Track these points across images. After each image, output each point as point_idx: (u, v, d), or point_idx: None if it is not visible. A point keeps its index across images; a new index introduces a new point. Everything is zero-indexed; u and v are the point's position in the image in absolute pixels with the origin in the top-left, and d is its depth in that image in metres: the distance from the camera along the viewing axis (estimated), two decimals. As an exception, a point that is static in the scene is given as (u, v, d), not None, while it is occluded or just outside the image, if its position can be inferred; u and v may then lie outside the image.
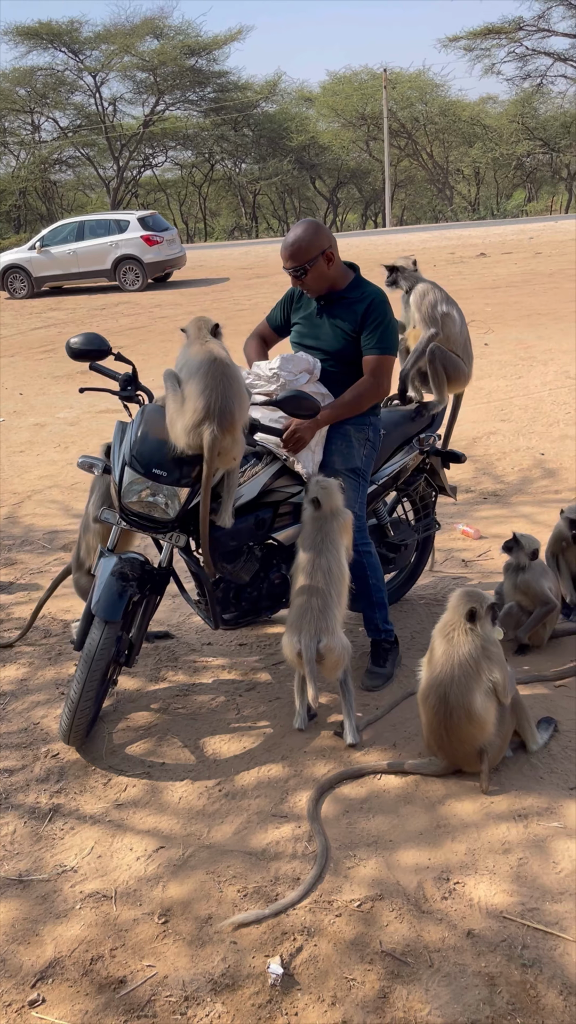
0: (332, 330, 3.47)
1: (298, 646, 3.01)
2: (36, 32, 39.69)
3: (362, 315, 3.40)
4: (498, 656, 2.79)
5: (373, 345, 3.41)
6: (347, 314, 3.44)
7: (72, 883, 2.56)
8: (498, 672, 2.76)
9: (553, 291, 13.72)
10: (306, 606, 3.06)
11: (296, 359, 3.42)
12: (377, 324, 3.39)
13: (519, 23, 38.06)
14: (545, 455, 6.18)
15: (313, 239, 3.35)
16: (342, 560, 3.16)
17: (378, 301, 3.42)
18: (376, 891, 2.43)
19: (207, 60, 42.26)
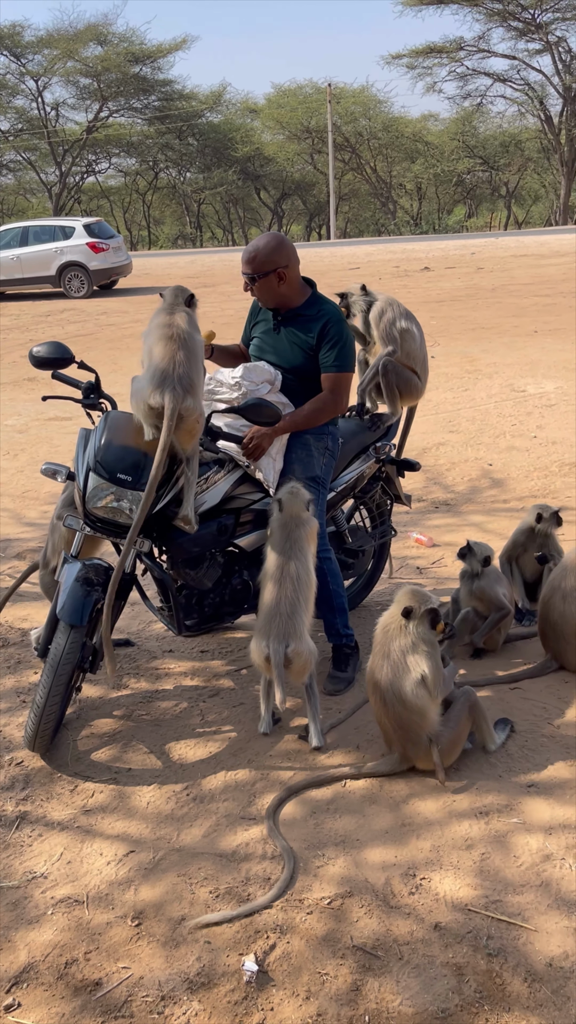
0: (290, 346, 3.55)
1: (266, 650, 3.07)
2: (-23, 35, 39.21)
3: (319, 333, 3.49)
4: (430, 654, 2.88)
5: (331, 363, 3.49)
6: (304, 331, 3.52)
7: (43, 889, 2.57)
8: (426, 666, 2.86)
9: (496, 306, 14.07)
10: (274, 611, 3.12)
11: (258, 369, 3.49)
12: (334, 343, 3.48)
13: (460, 43, 39.02)
14: (493, 466, 6.36)
15: (271, 254, 3.43)
16: (310, 567, 3.24)
17: (334, 319, 3.50)
18: (345, 888, 2.50)
19: (152, 68, 42.31)
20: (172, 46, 41.44)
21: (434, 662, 2.88)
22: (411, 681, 2.86)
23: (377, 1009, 2.14)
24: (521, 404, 7.96)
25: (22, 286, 19.53)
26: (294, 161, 45.04)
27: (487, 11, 37.36)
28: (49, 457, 7.16)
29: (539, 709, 3.33)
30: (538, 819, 2.73)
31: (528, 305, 13.89)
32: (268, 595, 3.18)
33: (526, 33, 37.90)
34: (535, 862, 2.56)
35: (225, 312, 14.78)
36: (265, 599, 3.19)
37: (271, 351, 3.60)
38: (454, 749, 2.95)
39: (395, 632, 2.93)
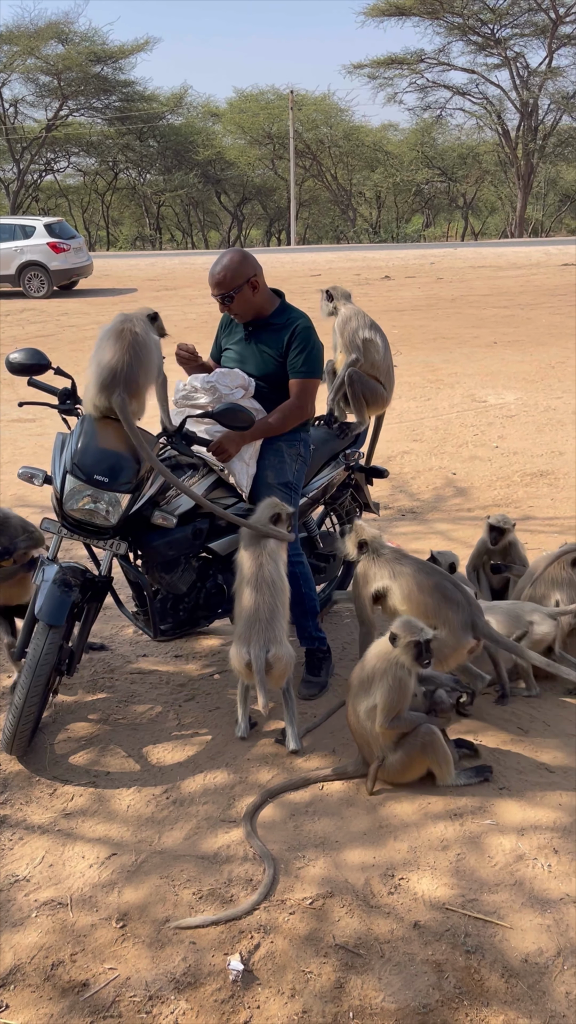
0: (260, 355, 3.62)
1: (247, 656, 3.11)
2: None
3: (287, 341, 3.57)
4: (392, 688, 2.86)
5: (298, 369, 3.57)
6: (273, 340, 3.59)
7: (25, 892, 2.58)
8: (381, 698, 2.86)
9: (456, 316, 14.30)
10: (253, 618, 3.17)
11: (232, 374, 3.56)
12: (301, 349, 3.56)
13: (420, 55, 39.48)
14: (457, 474, 6.49)
15: (239, 268, 3.51)
16: (283, 573, 3.29)
17: (302, 327, 3.59)
18: (326, 889, 2.56)
19: (113, 68, 41.98)
20: (134, 47, 41.24)
21: (394, 696, 2.85)
22: (366, 705, 2.93)
23: (360, 1006, 2.20)
24: (482, 414, 8.12)
25: (-20, 284, 19.28)
26: (255, 166, 45.14)
27: (448, 24, 37.89)
28: (14, 459, 7.10)
29: (508, 713, 3.43)
30: (510, 820, 2.82)
31: (487, 316, 14.14)
32: (246, 601, 3.22)
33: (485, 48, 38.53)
34: (509, 862, 2.65)
35: (187, 316, 14.78)
36: (243, 605, 3.24)
37: (244, 360, 3.67)
38: (403, 774, 2.96)
39: (379, 652, 2.96)
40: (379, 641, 3.02)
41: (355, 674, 3.02)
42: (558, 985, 2.24)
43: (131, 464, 3.12)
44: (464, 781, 3.00)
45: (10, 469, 6.74)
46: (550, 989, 2.23)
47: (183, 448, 3.35)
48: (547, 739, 3.25)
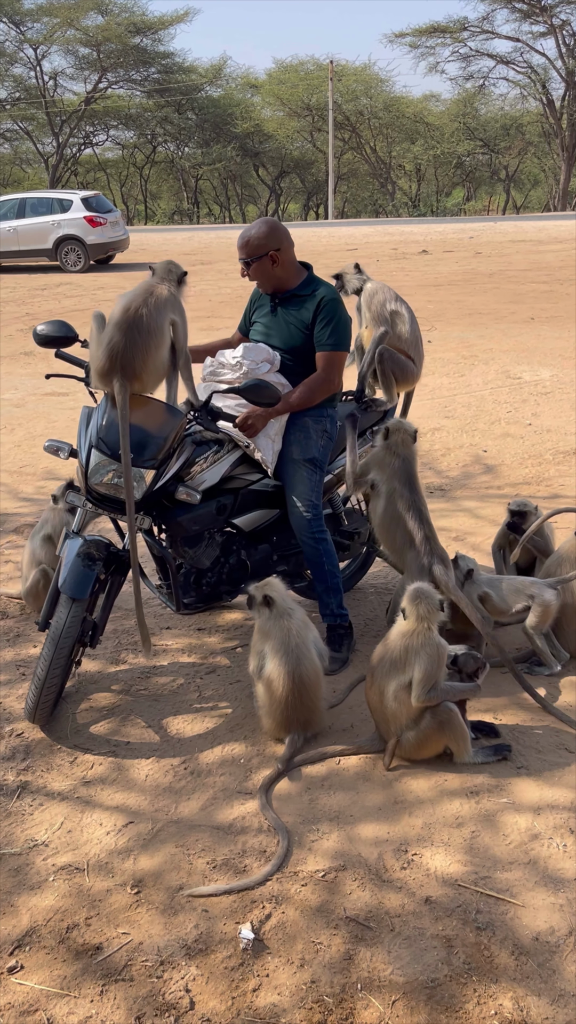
0: (286, 327, 3.60)
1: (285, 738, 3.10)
2: (-25, 0, 38.58)
3: (314, 312, 3.55)
4: (431, 658, 2.84)
5: (324, 341, 3.55)
6: (299, 311, 3.57)
7: (44, 856, 2.63)
8: (419, 671, 2.84)
9: (493, 291, 14.08)
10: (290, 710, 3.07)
11: (258, 349, 3.54)
12: (328, 320, 3.54)
13: (464, 23, 38.72)
14: (487, 452, 6.41)
15: (263, 239, 3.51)
16: (316, 662, 3.12)
17: (329, 298, 3.57)
18: (339, 862, 2.57)
19: (152, 40, 41.79)
20: (174, 18, 40.95)
21: (433, 666, 2.85)
22: (397, 683, 2.89)
23: (369, 977, 2.21)
24: (517, 391, 8.00)
25: (18, 259, 19.39)
26: (293, 138, 44.68)
27: (492, -9, 37.03)
28: (47, 432, 7.17)
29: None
30: (527, 799, 2.81)
31: (525, 291, 13.90)
32: (278, 710, 3.07)
33: (530, 15, 37.62)
34: (523, 840, 2.64)
35: (222, 291, 14.73)
36: (273, 712, 3.09)
37: (270, 333, 3.65)
38: (420, 750, 2.96)
39: (406, 630, 2.93)
40: (399, 622, 3.01)
41: (378, 653, 3.01)
42: (568, 964, 2.23)
43: (156, 440, 3.12)
44: (482, 759, 2.99)
45: (43, 442, 6.80)
46: (560, 968, 2.23)
47: (209, 424, 3.34)
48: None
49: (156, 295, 3.14)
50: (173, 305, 3.18)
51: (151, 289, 3.16)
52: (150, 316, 3.08)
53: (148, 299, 3.11)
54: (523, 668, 3.56)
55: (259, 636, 3.14)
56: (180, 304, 3.23)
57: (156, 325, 3.09)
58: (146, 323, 3.06)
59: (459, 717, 2.92)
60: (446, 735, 2.92)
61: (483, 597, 3.54)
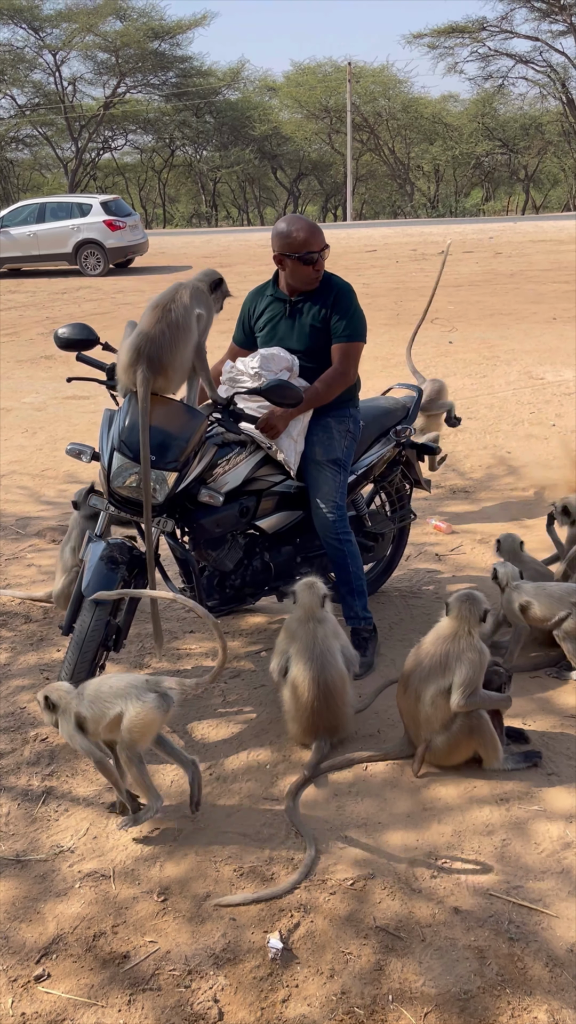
0: (300, 327, 3.58)
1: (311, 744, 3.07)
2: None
3: (331, 304, 3.54)
4: (473, 663, 2.80)
5: (340, 332, 3.54)
6: (315, 308, 3.55)
7: (70, 863, 2.61)
8: (461, 675, 2.79)
9: (514, 292, 13.98)
10: (317, 736, 3.06)
11: (275, 357, 3.49)
12: (343, 313, 3.53)
13: (482, 23, 38.49)
14: (511, 454, 6.35)
15: (319, 230, 3.50)
16: (343, 668, 3.08)
17: (344, 290, 3.57)
18: (368, 870, 2.53)
19: (170, 44, 41.84)
20: (191, 22, 41.00)
21: (476, 671, 2.81)
22: (436, 688, 2.83)
23: (400, 989, 2.17)
24: (540, 392, 7.93)
25: (38, 263, 19.49)
26: (312, 141, 44.61)
27: (511, -10, 36.82)
28: (68, 436, 7.18)
29: (561, 698, 3.35)
30: (559, 807, 2.75)
31: (547, 291, 13.79)
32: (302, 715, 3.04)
33: (549, 14, 37.35)
34: (555, 849, 2.59)
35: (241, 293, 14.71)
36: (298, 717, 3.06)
37: (284, 337, 3.62)
38: (449, 756, 2.92)
39: (447, 634, 2.89)
40: (437, 627, 2.96)
41: (412, 660, 2.95)
42: (604, 977, 2.18)
43: (178, 442, 3.10)
44: (512, 766, 2.94)
45: (64, 446, 6.81)
46: (595, 980, 2.18)
47: (231, 425, 3.32)
48: (599, 725, 3.17)
49: (183, 291, 3.13)
50: (199, 299, 3.16)
51: (179, 287, 3.15)
52: (179, 312, 3.08)
53: (177, 294, 3.11)
54: (552, 672, 3.51)
55: (285, 635, 3.12)
56: (208, 300, 3.22)
57: (185, 321, 3.09)
58: (175, 318, 3.07)
59: (489, 723, 2.87)
60: (476, 741, 2.88)
61: (524, 606, 3.49)
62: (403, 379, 6.25)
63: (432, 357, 9.47)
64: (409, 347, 5.61)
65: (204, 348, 3.22)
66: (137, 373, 3.02)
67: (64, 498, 5.68)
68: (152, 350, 3.02)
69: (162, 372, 3.05)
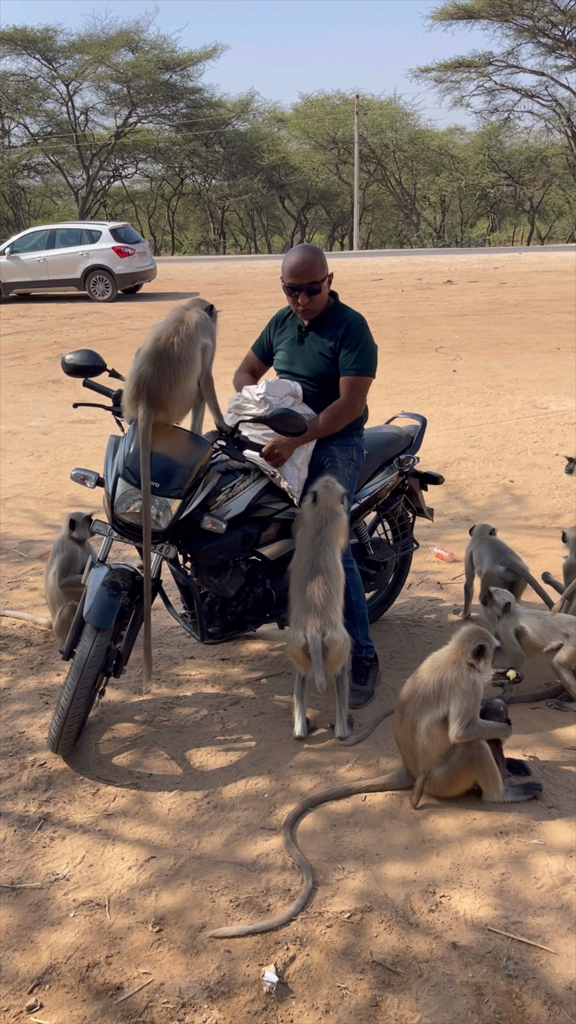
0: (312, 355, 3.60)
1: (303, 640, 3.16)
2: (11, 38, 39.64)
3: (341, 336, 3.55)
4: (468, 695, 2.79)
5: (350, 366, 3.55)
6: (326, 338, 3.57)
7: (65, 891, 2.59)
8: (456, 706, 2.78)
9: (519, 321, 14.05)
10: (308, 603, 3.22)
11: (280, 384, 3.53)
12: (354, 346, 3.54)
13: (489, 58, 39.08)
14: (514, 482, 6.35)
15: (323, 261, 3.54)
16: (338, 560, 3.34)
17: (356, 324, 3.58)
18: (365, 903, 2.50)
19: (181, 76, 42.60)
20: (202, 54, 41.72)
21: (470, 701, 2.79)
22: (430, 718, 2.83)
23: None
24: (543, 421, 7.95)
25: (47, 288, 19.68)
26: (319, 171, 45.15)
27: (517, 27, 37.41)
28: (73, 460, 7.21)
29: (562, 729, 3.33)
30: (559, 841, 2.73)
31: (551, 321, 13.86)
32: (300, 587, 3.28)
33: (555, 49, 37.93)
34: (555, 884, 2.56)
35: (248, 320, 14.83)
36: (297, 591, 3.29)
37: (293, 361, 3.65)
38: (448, 787, 2.89)
39: (441, 663, 2.89)
40: (435, 654, 2.96)
41: (408, 688, 2.95)
42: (603, 1016, 2.15)
43: (182, 470, 3.11)
44: (512, 798, 2.91)
45: (69, 470, 6.84)
46: (595, 1019, 2.14)
47: (235, 453, 3.33)
48: (600, 757, 3.14)
49: (187, 322, 3.13)
50: (204, 329, 3.17)
51: (182, 317, 3.16)
52: (181, 345, 3.07)
53: (180, 327, 3.11)
54: (552, 704, 3.49)
55: (297, 524, 3.42)
56: (212, 328, 3.24)
57: (188, 354, 3.08)
58: (177, 352, 3.06)
59: (489, 754, 2.85)
60: (476, 771, 2.85)
61: (519, 632, 3.49)
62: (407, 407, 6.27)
63: (436, 386, 9.52)
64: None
65: (211, 376, 3.23)
66: (138, 409, 3.04)
67: (67, 522, 5.69)
68: (153, 385, 3.03)
69: (163, 407, 3.06)
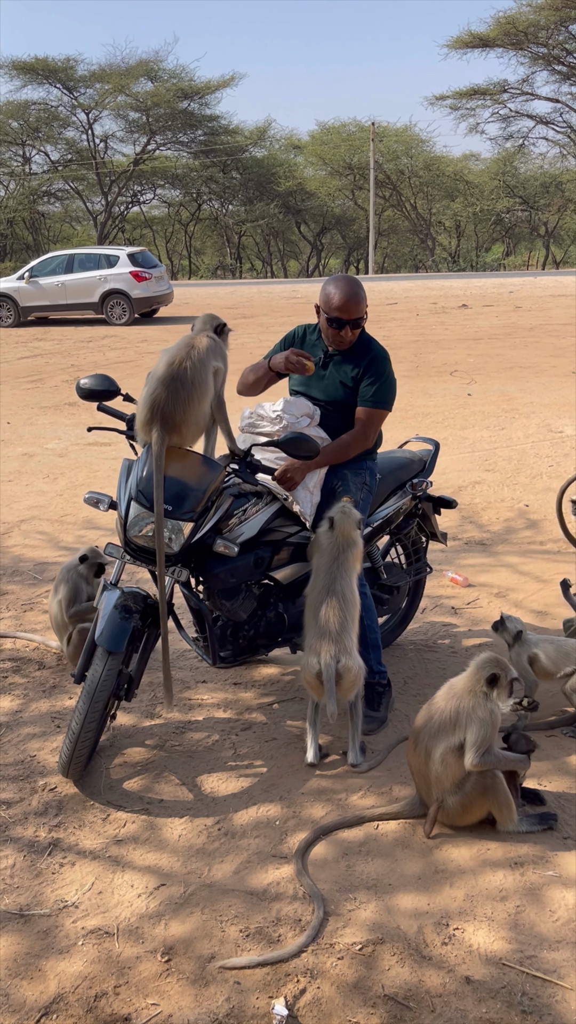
0: (332, 382, 3.60)
1: (317, 667, 3.13)
2: (32, 67, 40.34)
3: (365, 366, 3.56)
4: (484, 723, 2.76)
5: (368, 397, 3.55)
6: (350, 366, 3.58)
7: (73, 919, 2.56)
8: (472, 735, 2.75)
9: (533, 345, 14.05)
10: (324, 629, 3.20)
11: (298, 403, 3.54)
12: (376, 378, 3.55)
13: (504, 86, 39.35)
14: (529, 507, 6.32)
15: (365, 294, 3.56)
16: (354, 586, 3.31)
17: (381, 356, 3.60)
18: (377, 935, 2.46)
19: (199, 104, 43.14)
20: (220, 83, 42.26)
21: (487, 730, 2.76)
22: (445, 746, 2.79)
23: (408, 1062, 2.10)
24: (559, 445, 7.92)
25: (66, 312, 19.88)
26: (335, 196, 45.52)
27: (532, 55, 37.69)
28: (88, 482, 7.24)
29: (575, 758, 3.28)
30: (575, 872, 2.68)
31: (566, 345, 13.86)
32: (315, 613, 3.26)
33: (570, 76, 38.17)
34: (571, 918, 2.51)
35: (263, 344, 14.90)
36: (312, 617, 3.27)
37: (310, 383, 3.66)
38: (462, 817, 2.85)
39: (458, 691, 2.86)
40: (452, 681, 2.93)
41: (423, 716, 2.92)
42: (621, 1055, 2.10)
43: (194, 492, 3.12)
44: (526, 828, 2.87)
45: (85, 492, 6.86)
46: (612, 1059, 2.09)
47: (248, 476, 3.33)
48: (616, 787, 3.09)
49: (198, 346, 3.15)
50: (215, 352, 3.18)
51: (192, 341, 3.17)
52: (194, 369, 3.09)
53: (191, 352, 3.12)
54: (568, 732, 3.45)
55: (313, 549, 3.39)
56: (223, 351, 3.25)
57: (200, 378, 3.10)
58: (190, 376, 3.07)
59: (503, 783, 2.81)
60: (490, 801, 2.81)
61: (532, 658, 3.45)
62: (421, 431, 6.27)
63: (451, 409, 9.51)
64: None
65: (223, 400, 3.24)
66: (152, 433, 3.06)
67: (82, 543, 5.71)
68: (167, 409, 3.04)
69: (176, 431, 3.08)
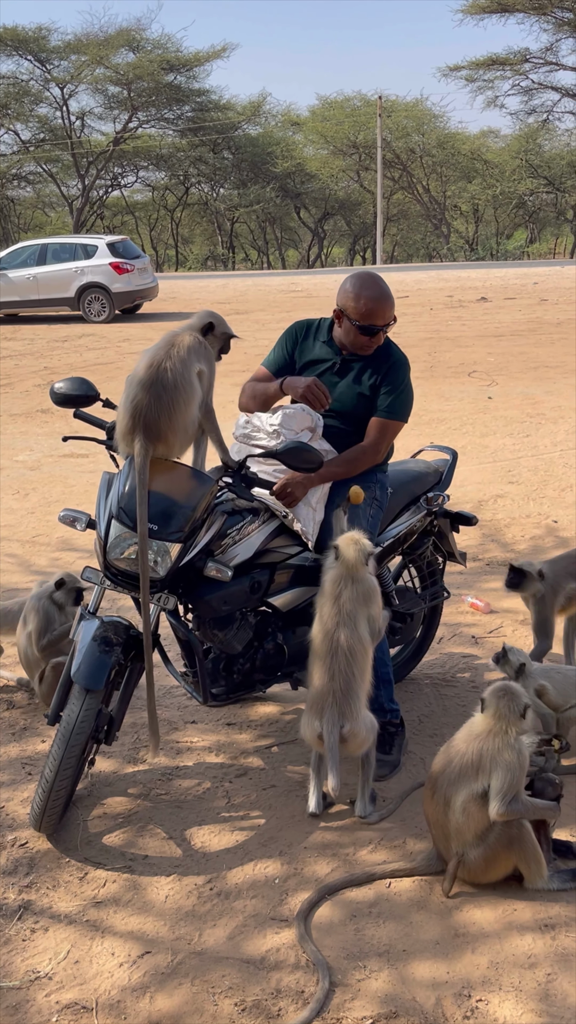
0: (349, 391, 3.61)
1: (319, 729, 3.10)
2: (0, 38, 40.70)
3: (384, 373, 3.59)
4: (511, 768, 2.76)
5: (384, 407, 3.58)
6: (367, 370, 3.61)
7: (47, 992, 2.55)
8: (498, 780, 2.75)
9: (561, 342, 14.13)
10: (327, 688, 3.13)
11: (298, 416, 3.51)
12: (393, 387, 3.59)
13: (525, 55, 39.78)
14: (558, 523, 6.33)
15: (392, 303, 3.57)
16: (364, 635, 3.20)
17: (400, 363, 3.63)
18: (390, 1008, 2.45)
19: (187, 77, 43.58)
20: (210, 54, 42.72)
21: (515, 774, 2.76)
22: (468, 792, 2.79)
23: None
24: (590, 454, 7.95)
25: (38, 308, 19.99)
26: (338, 178, 45.89)
27: (556, 20, 38.12)
28: (63, 498, 7.25)
29: (612, 806, 3.28)
30: (612, 936, 2.67)
31: (598, 342, 13.95)
32: (318, 669, 3.17)
33: (598, 45, 38.64)
34: (609, 987, 2.50)
35: (259, 342, 14.97)
36: (315, 673, 3.19)
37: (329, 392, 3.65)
38: (485, 873, 2.86)
39: (480, 732, 2.86)
40: (471, 723, 2.93)
41: (442, 760, 2.92)
42: None
43: (183, 510, 3.11)
44: (558, 885, 2.86)
45: (59, 509, 6.87)
46: None
47: (242, 491, 3.33)
48: None
49: (179, 345, 3.15)
50: (198, 353, 3.18)
51: (173, 340, 3.18)
52: (175, 371, 3.08)
53: (171, 351, 3.13)
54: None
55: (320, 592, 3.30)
56: (208, 351, 3.25)
57: (184, 380, 3.10)
58: (171, 379, 3.07)
59: (531, 834, 2.80)
60: (516, 854, 2.81)
61: (540, 691, 3.47)
62: (436, 439, 6.31)
63: (469, 414, 9.55)
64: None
65: (211, 406, 3.25)
66: (134, 443, 3.05)
67: (57, 567, 5.71)
68: (150, 416, 3.04)
69: (162, 440, 3.08)
